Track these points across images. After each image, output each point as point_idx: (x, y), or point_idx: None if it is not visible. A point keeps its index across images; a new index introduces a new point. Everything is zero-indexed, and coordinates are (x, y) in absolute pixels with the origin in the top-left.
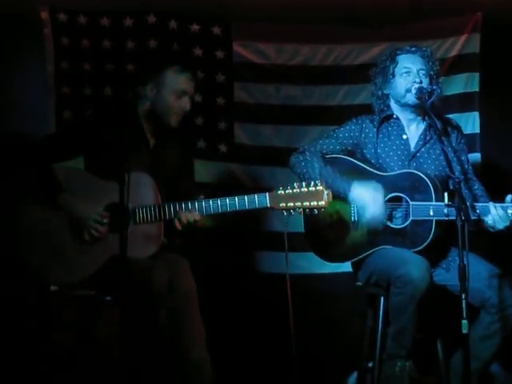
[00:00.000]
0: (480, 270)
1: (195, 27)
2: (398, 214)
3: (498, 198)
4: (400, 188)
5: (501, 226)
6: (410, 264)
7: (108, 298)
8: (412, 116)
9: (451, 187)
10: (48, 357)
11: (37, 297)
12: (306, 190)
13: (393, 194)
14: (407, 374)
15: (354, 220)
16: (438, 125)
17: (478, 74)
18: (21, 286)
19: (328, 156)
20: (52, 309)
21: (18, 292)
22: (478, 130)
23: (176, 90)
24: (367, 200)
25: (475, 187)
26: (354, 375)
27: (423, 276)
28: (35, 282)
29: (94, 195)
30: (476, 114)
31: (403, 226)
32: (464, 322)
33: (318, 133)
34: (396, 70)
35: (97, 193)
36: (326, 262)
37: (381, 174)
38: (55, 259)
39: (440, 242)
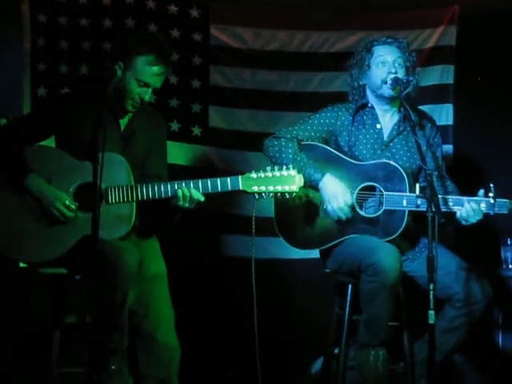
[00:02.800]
0: (448, 263)
1: (173, 8)
2: (371, 203)
3: (469, 188)
4: (374, 177)
5: (474, 219)
6: (381, 252)
7: (77, 277)
8: (387, 107)
9: (422, 179)
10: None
11: (6, 274)
12: (278, 174)
13: (366, 184)
14: (381, 363)
15: (326, 207)
16: (413, 116)
17: (453, 66)
18: None
19: (304, 143)
20: (20, 287)
21: None
22: (451, 122)
23: (140, 79)
24: (335, 192)
25: (446, 183)
26: (320, 361)
27: (394, 265)
28: (5, 260)
29: (66, 174)
30: (450, 106)
31: (375, 215)
32: (431, 312)
33: (292, 119)
34: (371, 60)
35: (69, 172)
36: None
37: (355, 162)
38: (26, 239)
39: (409, 232)
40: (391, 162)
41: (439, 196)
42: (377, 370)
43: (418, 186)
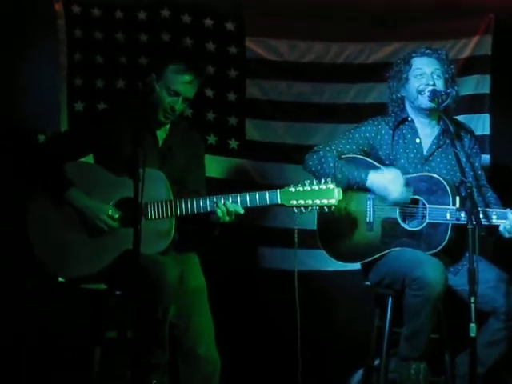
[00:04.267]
0: (490, 276)
1: (209, 22)
2: (414, 216)
3: (508, 199)
4: (417, 190)
5: None
6: (427, 266)
7: (118, 293)
8: (426, 120)
9: (463, 192)
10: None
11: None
12: (316, 187)
13: (410, 196)
14: (422, 376)
15: (369, 221)
16: (452, 128)
17: (489, 75)
18: (32, 279)
19: (344, 156)
20: (60, 301)
21: (29, 286)
22: (488, 132)
23: (170, 88)
24: (387, 182)
25: (488, 194)
26: (360, 373)
27: (440, 278)
28: (45, 275)
29: (105, 190)
30: (486, 116)
31: (419, 228)
32: (472, 325)
33: (328, 131)
34: (410, 73)
35: (108, 187)
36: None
37: None
38: (66, 254)
39: (452, 246)
40: (435, 175)
41: (481, 209)
42: (418, 383)
43: (458, 198)
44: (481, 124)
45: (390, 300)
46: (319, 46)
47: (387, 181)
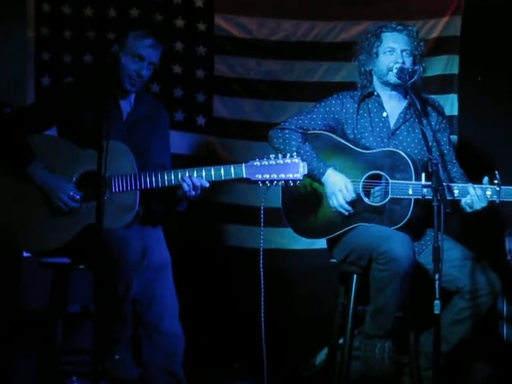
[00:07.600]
0: (456, 255)
1: None
2: (377, 191)
3: (475, 179)
4: (380, 166)
5: (478, 206)
6: (394, 241)
7: (82, 267)
8: (393, 94)
9: (429, 169)
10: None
11: (9, 263)
12: (281, 162)
13: (372, 172)
14: (387, 355)
15: (329, 202)
16: (418, 105)
17: (457, 56)
18: None
19: (310, 132)
20: (23, 276)
21: None
22: (456, 113)
23: (133, 54)
24: (337, 188)
25: (454, 170)
26: (324, 351)
27: (407, 253)
28: (8, 248)
29: (69, 163)
30: (455, 97)
31: (381, 203)
32: (437, 302)
33: (296, 109)
34: (380, 48)
35: (72, 160)
36: (300, 238)
37: (362, 151)
38: (29, 227)
39: (416, 222)
40: (397, 151)
41: (445, 183)
42: (383, 361)
43: (423, 175)
44: (449, 104)
45: (354, 278)
46: (288, 24)
47: (338, 188)
